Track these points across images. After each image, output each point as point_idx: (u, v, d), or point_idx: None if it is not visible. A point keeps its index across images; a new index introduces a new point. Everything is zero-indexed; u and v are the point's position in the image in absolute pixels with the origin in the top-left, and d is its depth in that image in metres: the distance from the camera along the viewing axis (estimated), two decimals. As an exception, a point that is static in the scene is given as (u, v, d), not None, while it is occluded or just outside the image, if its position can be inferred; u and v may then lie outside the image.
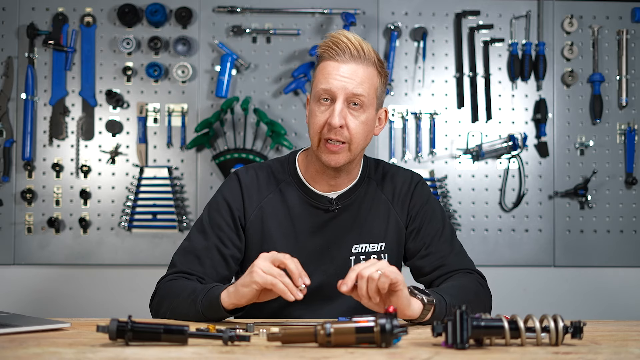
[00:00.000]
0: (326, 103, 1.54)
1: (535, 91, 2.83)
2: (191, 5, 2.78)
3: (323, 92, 1.53)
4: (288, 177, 1.66)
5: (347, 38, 1.53)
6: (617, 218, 2.83)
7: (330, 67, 1.53)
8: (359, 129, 1.55)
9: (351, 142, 1.55)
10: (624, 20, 2.85)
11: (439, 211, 1.70)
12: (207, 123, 2.72)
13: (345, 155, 1.56)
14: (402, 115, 2.81)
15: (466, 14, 2.83)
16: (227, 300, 1.40)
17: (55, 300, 2.75)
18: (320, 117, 1.54)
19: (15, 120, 2.75)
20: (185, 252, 1.62)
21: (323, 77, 1.53)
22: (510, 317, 1.12)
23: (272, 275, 1.33)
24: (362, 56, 1.54)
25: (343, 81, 1.52)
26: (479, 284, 1.60)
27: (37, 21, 2.76)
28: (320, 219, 1.63)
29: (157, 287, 1.60)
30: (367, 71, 1.54)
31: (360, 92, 1.53)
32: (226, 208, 1.64)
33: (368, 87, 1.54)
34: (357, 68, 1.53)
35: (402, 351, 1.07)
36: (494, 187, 2.82)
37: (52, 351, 1.06)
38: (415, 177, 1.72)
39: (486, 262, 2.78)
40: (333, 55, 1.53)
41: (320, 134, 1.54)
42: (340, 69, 1.53)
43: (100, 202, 2.76)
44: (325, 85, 1.53)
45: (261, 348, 1.10)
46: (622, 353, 1.08)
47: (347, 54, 1.53)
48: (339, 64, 1.53)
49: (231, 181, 1.67)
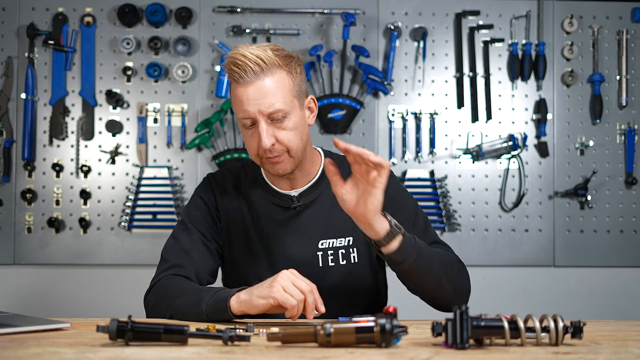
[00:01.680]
0: (252, 127, 1.55)
1: (535, 91, 2.83)
2: (191, 5, 2.78)
3: (243, 120, 1.55)
4: (252, 178, 1.71)
5: (243, 55, 1.50)
6: (617, 218, 2.83)
7: (240, 92, 1.52)
8: (291, 136, 1.55)
9: (290, 150, 1.56)
10: (624, 20, 2.85)
11: (410, 202, 1.70)
12: (207, 123, 2.72)
13: (289, 162, 1.58)
14: (402, 115, 2.81)
15: (466, 14, 2.83)
16: (236, 307, 1.40)
17: (55, 300, 2.75)
18: (252, 142, 1.56)
19: (15, 120, 2.75)
20: (173, 248, 1.67)
21: (237, 105, 1.54)
22: (510, 317, 1.12)
23: (291, 296, 1.34)
24: (265, 68, 1.51)
25: (256, 104, 1.51)
26: (459, 263, 1.61)
27: (37, 21, 2.76)
28: (283, 216, 1.66)
29: (152, 285, 1.62)
30: (274, 80, 1.52)
31: (276, 108, 1.52)
32: (203, 206, 1.70)
33: (282, 95, 1.52)
34: (262, 85, 1.51)
35: (402, 351, 1.07)
36: (494, 187, 2.82)
37: (52, 351, 1.06)
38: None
39: (486, 262, 2.78)
40: (237, 79, 1.52)
41: (258, 156, 1.58)
42: (248, 92, 1.51)
43: (100, 202, 2.76)
44: (242, 114, 1.53)
45: (261, 348, 1.10)
46: (622, 353, 1.08)
47: (250, 72, 1.50)
48: (245, 87, 1.51)
49: (205, 183, 1.74)
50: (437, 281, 1.50)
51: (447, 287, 1.52)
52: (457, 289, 1.56)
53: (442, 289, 1.52)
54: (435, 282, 1.50)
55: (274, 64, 1.53)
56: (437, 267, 1.50)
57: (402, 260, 1.43)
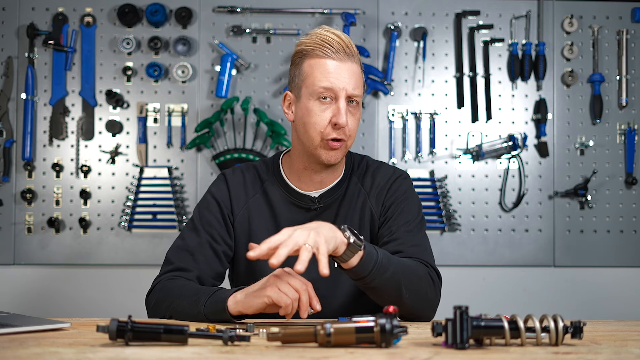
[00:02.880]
0: (326, 102, 1.54)
1: (535, 91, 2.83)
2: (191, 5, 2.78)
3: (324, 91, 1.53)
4: (272, 177, 1.68)
5: (337, 36, 1.54)
6: (617, 218, 2.83)
7: (330, 66, 1.53)
8: (355, 125, 1.57)
9: (348, 139, 1.57)
10: (624, 20, 2.85)
11: (415, 207, 1.67)
12: (207, 123, 2.72)
13: (343, 152, 1.58)
14: (402, 115, 2.81)
15: (466, 14, 2.83)
16: (233, 307, 1.39)
17: (55, 300, 2.75)
18: (323, 116, 1.54)
19: (15, 120, 2.75)
20: (179, 249, 1.63)
21: (322, 75, 1.53)
22: (510, 317, 1.12)
23: (285, 294, 1.33)
24: (354, 54, 1.56)
25: (344, 81, 1.52)
26: (428, 275, 1.54)
27: (37, 21, 2.76)
28: (303, 217, 1.63)
29: (154, 285, 1.61)
30: (358, 70, 1.57)
31: (357, 92, 1.55)
32: (216, 206, 1.66)
33: (361, 85, 1.57)
34: (353, 67, 1.55)
35: (402, 351, 1.07)
36: (494, 187, 2.82)
37: (52, 351, 1.06)
38: (398, 172, 1.70)
39: (486, 262, 2.78)
40: (329, 54, 1.53)
41: (323, 133, 1.54)
42: (341, 68, 1.53)
43: (100, 202, 2.76)
44: (327, 84, 1.52)
45: (261, 348, 1.10)
46: (622, 353, 1.08)
47: (341, 52, 1.53)
48: (337, 62, 1.53)
49: (219, 181, 1.70)
50: (397, 294, 1.46)
51: (407, 301, 1.47)
52: (419, 304, 1.51)
53: (401, 302, 1.46)
54: (393, 295, 1.46)
55: (357, 55, 1.57)
56: (398, 282, 1.45)
57: (363, 276, 1.40)
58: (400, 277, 1.45)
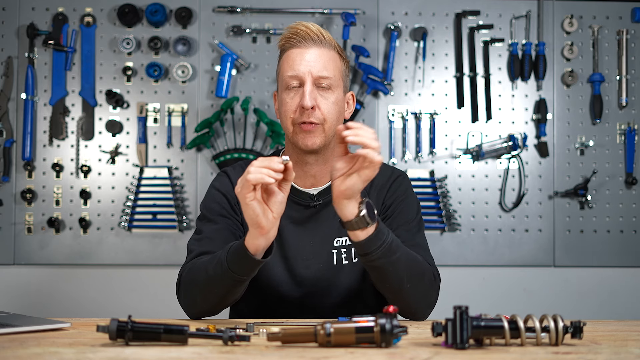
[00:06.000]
0: (294, 89, 1.57)
1: (535, 91, 2.83)
2: (191, 5, 2.78)
3: (290, 79, 1.56)
4: None
5: (305, 26, 1.57)
6: (617, 218, 2.83)
7: (294, 54, 1.57)
8: (331, 109, 1.57)
9: (325, 123, 1.57)
10: (624, 20, 2.85)
11: (415, 207, 1.68)
12: (207, 123, 2.72)
13: (321, 136, 1.57)
14: (402, 115, 2.81)
15: (466, 14, 2.83)
16: (251, 243, 1.38)
17: (55, 300, 2.75)
18: (291, 103, 1.56)
19: (15, 120, 2.75)
20: (197, 240, 1.62)
21: (288, 65, 1.57)
22: (510, 317, 1.12)
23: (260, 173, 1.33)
24: (323, 40, 1.58)
25: (308, 65, 1.55)
26: (431, 273, 1.56)
27: (37, 21, 2.76)
28: (302, 214, 1.65)
29: (180, 274, 1.58)
30: (329, 54, 1.58)
31: (326, 74, 1.56)
32: (222, 197, 1.66)
33: (333, 68, 1.58)
34: (319, 52, 1.57)
35: (402, 351, 1.07)
36: (494, 187, 2.82)
37: (52, 351, 1.06)
38: (397, 171, 1.72)
39: (486, 262, 2.78)
40: (295, 44, 1.57)
41: (293, 119, 1.57)
42: (304, 54, 1.56)
43: (100, 202, 2.76)
44: (291, 72, 1.56)
45: (261, 348, 1.10)
46: (622, 353, 1.08)
47: (309, 40, 1.57)
48: (302, 49, 1.57)
49: (221, 177, 1.71)
50: (399, 283, 1.47)
51: (407, 292, 1.48)
52: (418, 298, 1.51)
53: (401, 292, 1.48)
54: (396, 283, 1.47)
55: (331, 43, 1.60)
56: (402, 270, 1.46)
57: (369, 252, 1.42)
58: (405, 265, 1.46)
